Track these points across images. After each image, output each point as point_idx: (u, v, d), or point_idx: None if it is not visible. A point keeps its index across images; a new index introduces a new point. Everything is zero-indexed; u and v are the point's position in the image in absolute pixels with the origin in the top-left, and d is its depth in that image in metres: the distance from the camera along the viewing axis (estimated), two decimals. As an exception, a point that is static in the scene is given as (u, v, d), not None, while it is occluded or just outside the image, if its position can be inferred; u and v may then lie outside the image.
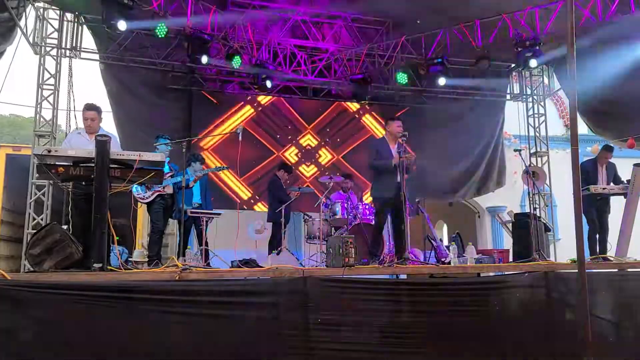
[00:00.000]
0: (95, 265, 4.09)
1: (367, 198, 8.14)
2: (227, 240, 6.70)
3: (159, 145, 6.25)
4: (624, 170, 6.89)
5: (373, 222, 6.78)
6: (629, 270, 5.62)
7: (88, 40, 8.64)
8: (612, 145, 7.39)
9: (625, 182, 6.55)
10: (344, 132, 10.28)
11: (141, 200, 6.32)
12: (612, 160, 7.11)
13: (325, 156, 10.16)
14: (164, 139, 6.38)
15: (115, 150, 4.36)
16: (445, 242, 10.77)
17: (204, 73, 9.33)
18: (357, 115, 10.40)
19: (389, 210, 5.97)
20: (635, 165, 6.35)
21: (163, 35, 7.34)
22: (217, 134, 6.64)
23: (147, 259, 6.36)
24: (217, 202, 7.85)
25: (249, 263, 5.56)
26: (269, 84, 8.74)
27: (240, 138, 5.48)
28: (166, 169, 6.26)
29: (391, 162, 5.66)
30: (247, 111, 9.85)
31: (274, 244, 7.56)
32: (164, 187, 6.29)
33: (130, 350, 4.02)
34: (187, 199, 6.60)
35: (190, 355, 4.20)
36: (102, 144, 4.17)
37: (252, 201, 9.46)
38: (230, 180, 9.38)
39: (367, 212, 7.25)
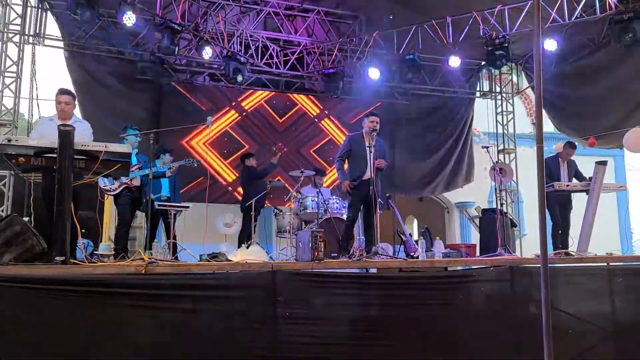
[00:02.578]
0: (57, 258, 3.98)
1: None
2: (196, 234, 6.63)
3: (127, 137, 6.12)
4: (587, 168, 7.06)
5: (344, 216, 6.80)
6: (588, 265, 5.78)
7: (52, 26, 8.40)
8: (575, 142, 7.58)
9: (588, 179, 6.72)
10: (304, 136, 10.18)
11: (108, 192, 6.18)
12: (573, 157, 7.29)
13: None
14: (132, 130, 6.24)
15: (80, 140, 4.23)
16: (415, 236, 10.90)
17: (174, 64, 9.17)
18: (316, 120, 10.29)
19: (362, 204, 6.01)
20: (597, 163, 6.52)
21: (131, 24, 7.17)
22: (185, 125, 6.56)
23: (113, 252, 6.23)
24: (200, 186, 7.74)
25: (217, 257, 5.50)
26: (239, 77, 8.64)
27: (209, 130, 5.41)
28: (134, 160, 6.14)
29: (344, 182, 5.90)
30: (232, 115, 9.71)
31: (244, 238, 7.51)
32: (131, 179, 6.17)
33: (94, 345, 3.93)
34: (156, 192, 6.50)
35: (156, 349, 4.13)
36: (66, 134, 4.05)
37: (235, 184, 9.37)
38: (214, 161, 9.27)
39: (338, 207, 7.26)
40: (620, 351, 5.42)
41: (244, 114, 9.71)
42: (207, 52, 8.02)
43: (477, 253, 7.74)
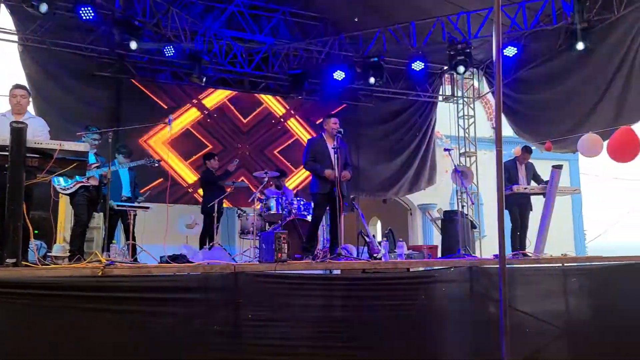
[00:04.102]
0: (8, 260, 3.82)
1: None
2: (156, 235, 6.49)
3: (85, 136, 5.94)
4: (544, 172, 7.26)
5: (308, 218, 6.79)
6: (544, 265, 5.95)
7: (5, 19, 8.06)
8: (531, 146, 7.80)
9: (545, 182, 6.91)
10: (269, 136, 10.10)
11: (62, 192, 5.98)
12: (531, 160, 7.49)
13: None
14: (91, 129, 6.07)
15: (33, 137, 4.08)
16: (379, 238, 10.98)
17: (135, 61, 8.95)
18: (282, 120, 10.22)
19: (327, 205, 6.01)
20: (553, 167, 6.72)
21: (89, 19, 6.96)
22: (146, 124, 6.39)
23: (68, 254, 6.03)
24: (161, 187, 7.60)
25: (178, 258, 5.41)
26: (203, 77, 8.53)
27: (169, 128, 5.30)
28: (92, 159, 5.96)
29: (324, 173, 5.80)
30: (194, 114, 9.53)
31: (206, 239, 7.40)
32: (88, 178, 5.98)
33: (48, 351, 3.80)
34: (115, 191, 6.33)
35: (115, 354, 4.02)
36: (18, 131, 3.89)
37: (197, 185, 9.13)
38: (175, 163, 9.08)
39: (302, 208, 7.24)
40: (574, 349, 5.60)
41: (206, 112, 9.57)
42: (169, 50, 7.88)
43: (439, 254, 7.86)
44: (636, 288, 5.96)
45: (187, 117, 9.41)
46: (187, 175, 9.29)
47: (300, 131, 10.20)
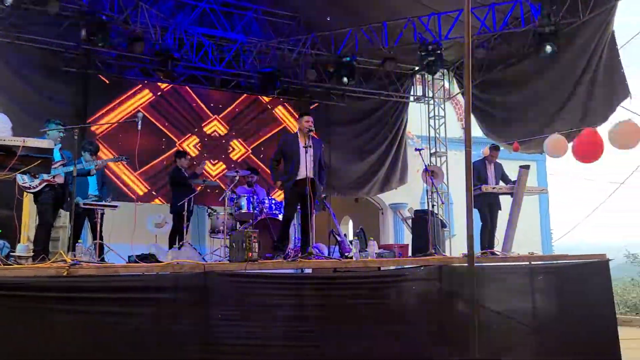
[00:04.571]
0: (-32, 260, 3.70)
1: (280, 195, 8.05)
2: (124, 234, 6.38)
3: (49, 131, 5.78)
4: (513, 172, 7.39)
5: (280, 217, 6.77)
6: (512, 264, 6.06)
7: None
8: (498, 145, 7.96)
9: (513, 182, 7.04)
10: (256, 123, 10.04)
11: (27, 190, 5.80)
12: (499, 160, 7.63)
13: (238, 149, 9.90)
14: (54, 124, 5.89)
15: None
16: (351, 237, 11.01)
17: (102, 57, 8.75)
18: (269, 107, 10.22)
19: (298, 204, 6.00)
20: (521, 167, 6.86)
21: (55, 13, 6.78)
22: (115, 121, 6.22)
23: (32, 254, 5.85)
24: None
25: (147, 258, 5.33)
26: (173, 73, 8.40)
27: (139, 127, 5.21)
28: (57, 156, 5.79)
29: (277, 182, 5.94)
30: (145, 95, 9.24)
31: (175, 238, 7.30)
32: (53, 176, 5.82)
33: (11, 352, 3.69)
34: (82, 189, 6.18)
35: (79, 355, 3.94)
36: (-21, 126, 3.77)
37: (148, 197, 8.98)
38: (124, 174, 8.82)
39: (273, 207, 7.22)
40: (540, 345, 5.72)
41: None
42: (138, 46, 7.73)
43: (410, 253, 7.92)
44: (598, 285, 6.13)
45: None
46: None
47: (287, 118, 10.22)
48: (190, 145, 9.54)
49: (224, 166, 9.65)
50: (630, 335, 8.23)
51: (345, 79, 8.80)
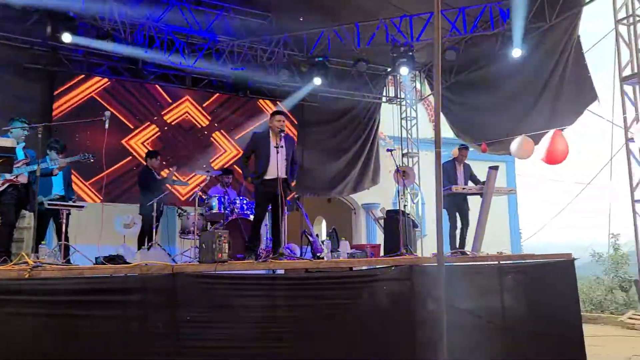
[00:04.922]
0: None
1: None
2: (92, 235, 6.24)
3: (12, 130, 5.61)
4: (482, 173, 7.48)
5: (251, 217, 6.71)
6: (482, 263, 6.14)
7: None
8: (467, 145, 8.08)
9: (482, 182, 7.14)
10: (239, 114, 9.89)
11: (-11, 190, 5.62)
12: (468, 161, 7.72)
13: (224, 146, 9.72)
14: (18, 122, 5.72)
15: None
16: (324, 237, 11.01)
17: (70, 54, 8.55)
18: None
19: (268, 204, 5.95)
20: (490, 168, 6.96)
21: (20, 8, 6.60)
22: (79, 120, 6.06)
23: (-7, 256, 5.67)
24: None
25: (115, 259, 5.21)
26: (143, 71, 8.26)
27: (107, 125, 5.09)
28: (20, 155, 5.63)
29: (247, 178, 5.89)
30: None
31: (145, 239, 7.18)
32: (16, 176, 5.64)
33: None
34: (46, 189, 6.02)
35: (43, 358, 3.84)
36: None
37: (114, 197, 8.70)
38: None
39: (245, 207, 7.16)
40: (509, 342, 5.81)
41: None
42: (107, 44, 7.58)
43: (382, 253, 7.95)
44: (564, 284, 6.27)
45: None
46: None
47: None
48: (148, 136, 9.24)
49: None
50: (595, 332, 8.46)
51: (317, 80, 8.78)
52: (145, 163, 7.59)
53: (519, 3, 7.37)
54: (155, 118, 9.30)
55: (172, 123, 9.46)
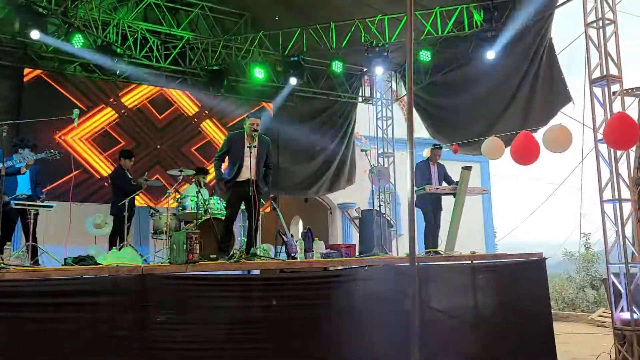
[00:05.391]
0: None
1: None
2: (62, 236, 6.11)
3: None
4: (457, 173, 7.54)
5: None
6: (455, 263, 6.19)
7: None
8: (440, 144, 8.15)
9: (456, 182, 7.20)
10: (182, 135, 9.72)
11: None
12: (442, 162, 7.78)
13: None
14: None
15: None
16: (299, 237, 10.97)
17: (39, 50, 8.35)
18: (195, 120, 9.81)
19: (240, 204, 5.91)
20: (463, 168, 7.02)
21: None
22: (46, 118, 5.91)
23: (-43, 258, 5.51)
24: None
25: (85, 260, 5.10)
26: (116, 70, 8.11)
27: (76, 124, 4.99)
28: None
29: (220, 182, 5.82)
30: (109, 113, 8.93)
31: (116, 240, 7.06)
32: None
33: None
34: (11, 188, 5.87)
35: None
36: None
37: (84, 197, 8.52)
38: (90, 156, 8.42)
39: (219, 207, 7.08)
40: (481, 341, 5.87)
41: (123, 111, 9.09)
42: (78, 41, 7.43)
43: (357, 253, 7.97)
44: (536, 283, 6.36)
45: (103, 116, 8.90)
46: (103, 168, 8.75)
47: (215, 131, 9.95)
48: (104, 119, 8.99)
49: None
50: (566, 330, 8.63)
51: (293, 79, 8.75)
52: (119, 161, 7.45)
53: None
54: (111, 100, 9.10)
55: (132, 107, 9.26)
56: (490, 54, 8.07)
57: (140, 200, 7.59)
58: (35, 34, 6.96)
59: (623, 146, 5.88)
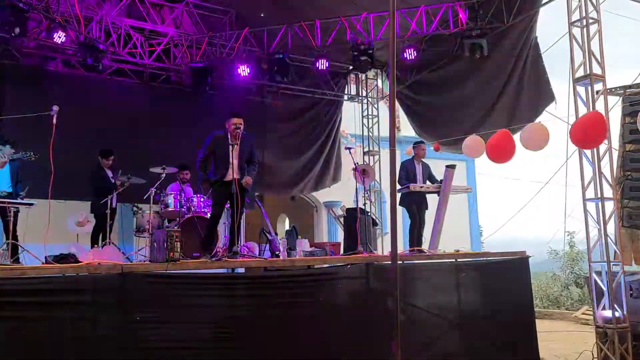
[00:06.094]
0: None
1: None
2: (43, 234, 6.01)
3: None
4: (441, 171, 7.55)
5: (209, 215, 6.61)
6: (439, 261, 6.21)
7: None
8: (423, 141, 8.19)
9: (439, 181, 7.21)
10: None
11: None
12: (426, 160, 7.79)
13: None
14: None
15: None
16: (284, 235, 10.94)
17: (20, 45, 8.21)
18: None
19: (225, 202, 5.87)
20: (447, 166, 7.04)
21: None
22: (26, 114, 5.78)
23: None
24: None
25: (66, 258, 5.03)
26: (98, 65, 7.98)
27: (54, 120, 4.91)
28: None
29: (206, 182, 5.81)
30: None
31: (99, 238, 6.99)
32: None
33: None
34: (-10, 187, 5.78)
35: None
36: None
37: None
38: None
39: (202, 205, 7.03)
40: (464, 339, 5.91)
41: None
42: (60, 36, 7.33)
43: (341, 251, 7.96)
44: (519, 281, 6.40)
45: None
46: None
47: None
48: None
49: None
50: (550, 328, 8.70)
51: (277, 76, 8.71)
52: (99, 162, 7.36)
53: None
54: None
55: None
56: (475, 53, 8.07)
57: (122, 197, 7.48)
58: (15, 30, 6.85)
59: (589, 144, 5.95)
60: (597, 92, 6.24)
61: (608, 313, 5.83)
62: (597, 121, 5.83)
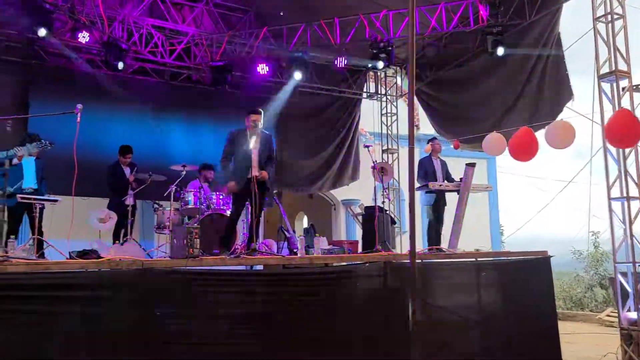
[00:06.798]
0: None
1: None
2: (67, 230, 6.13)
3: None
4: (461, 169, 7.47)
5: (228, 213, 6.66)
6: (459, 260, 6.15)
7: None
8: (437, 137, 8.15)
9: (459, 180, 7.14)
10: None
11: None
12: (451, 158, 7.73)
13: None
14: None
15: None
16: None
17: (47, 46, 8.39)
18: None
19: (245, 201, 5.91)
20: (467, 165, 6.96)
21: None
22: (51, 113, 5.90)
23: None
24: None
25: (88, 254, 5.13)
26: (121, 64, 8.12)
27: (79, 119, 4.99)
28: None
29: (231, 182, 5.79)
30: None
31: (120, 234, 7.10)
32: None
33: None
34: (15, 182, 5.91)
35: (6, 356, 3.78)
36: None
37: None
38: None
39: (221, 203, 7.10)
40: (484, 339, 5.84)
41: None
42: (84, 36, 7.47)
43: (359, 249, 7.95)
44: (540, 281, 6.30)
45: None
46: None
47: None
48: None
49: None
50: (572, 330, 8.56)
51: (297, 74, 8.72)
52: (117, 157, 7.47)
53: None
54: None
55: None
56: (499, 50, 7.96)
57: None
58: (42, 32, 7.00)
59: (626, 144, 5.82)
60: (623, 88, 6.11)
61: (633, 315, 5.72)
62: (632, 119, 5.71)
